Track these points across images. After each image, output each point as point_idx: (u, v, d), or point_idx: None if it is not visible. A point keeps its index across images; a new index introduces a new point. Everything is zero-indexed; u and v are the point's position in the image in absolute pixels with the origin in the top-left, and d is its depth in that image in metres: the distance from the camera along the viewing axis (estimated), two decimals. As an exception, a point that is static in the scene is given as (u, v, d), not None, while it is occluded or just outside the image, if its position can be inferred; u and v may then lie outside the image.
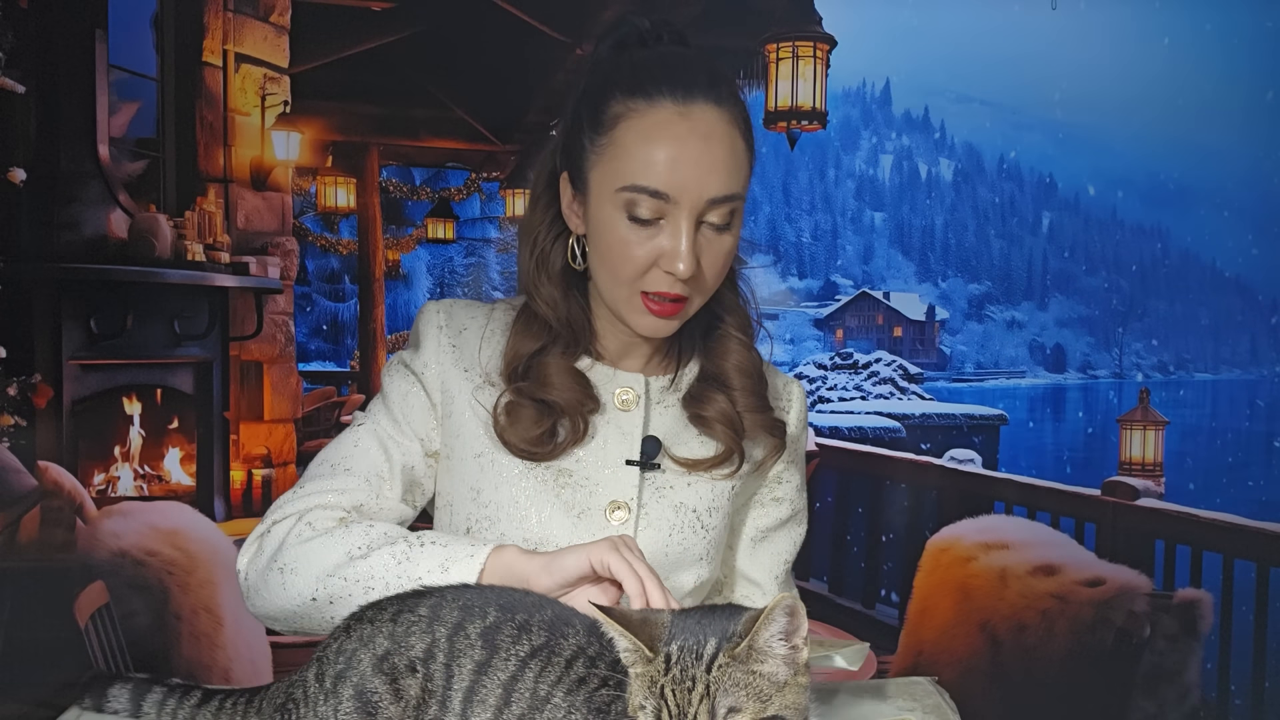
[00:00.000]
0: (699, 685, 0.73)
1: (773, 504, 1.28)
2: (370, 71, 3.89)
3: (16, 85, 2.99)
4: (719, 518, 1.20)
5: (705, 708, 0.72)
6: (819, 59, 3.84)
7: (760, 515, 1.28)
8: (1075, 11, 3.80)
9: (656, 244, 1.10)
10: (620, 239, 1.12)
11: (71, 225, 3.37)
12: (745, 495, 1.26)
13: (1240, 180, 3.86)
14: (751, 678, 0.74)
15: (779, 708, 0.74)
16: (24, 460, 2.98)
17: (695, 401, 1.22)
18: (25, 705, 2.66)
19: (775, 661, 0.75)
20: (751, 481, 1.24)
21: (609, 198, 1.12)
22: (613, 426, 1.18)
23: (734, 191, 1.12)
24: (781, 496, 1.29)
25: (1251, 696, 3.31)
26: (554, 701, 0.82)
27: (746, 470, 1.21)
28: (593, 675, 0.83)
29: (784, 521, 1.29)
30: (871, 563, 3.93)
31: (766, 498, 1.28)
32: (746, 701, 0.73)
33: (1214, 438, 4.15)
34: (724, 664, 0.74)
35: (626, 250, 1.12)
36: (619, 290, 1.13)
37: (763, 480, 1.25)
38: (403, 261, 4.40)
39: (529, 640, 0.85)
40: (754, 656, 0.75)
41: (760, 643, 0.74)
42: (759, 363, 1.25)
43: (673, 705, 0.73)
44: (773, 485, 1.28)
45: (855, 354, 4.41)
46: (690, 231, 1.09)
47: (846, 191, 4.55)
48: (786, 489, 1.29)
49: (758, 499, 1.27)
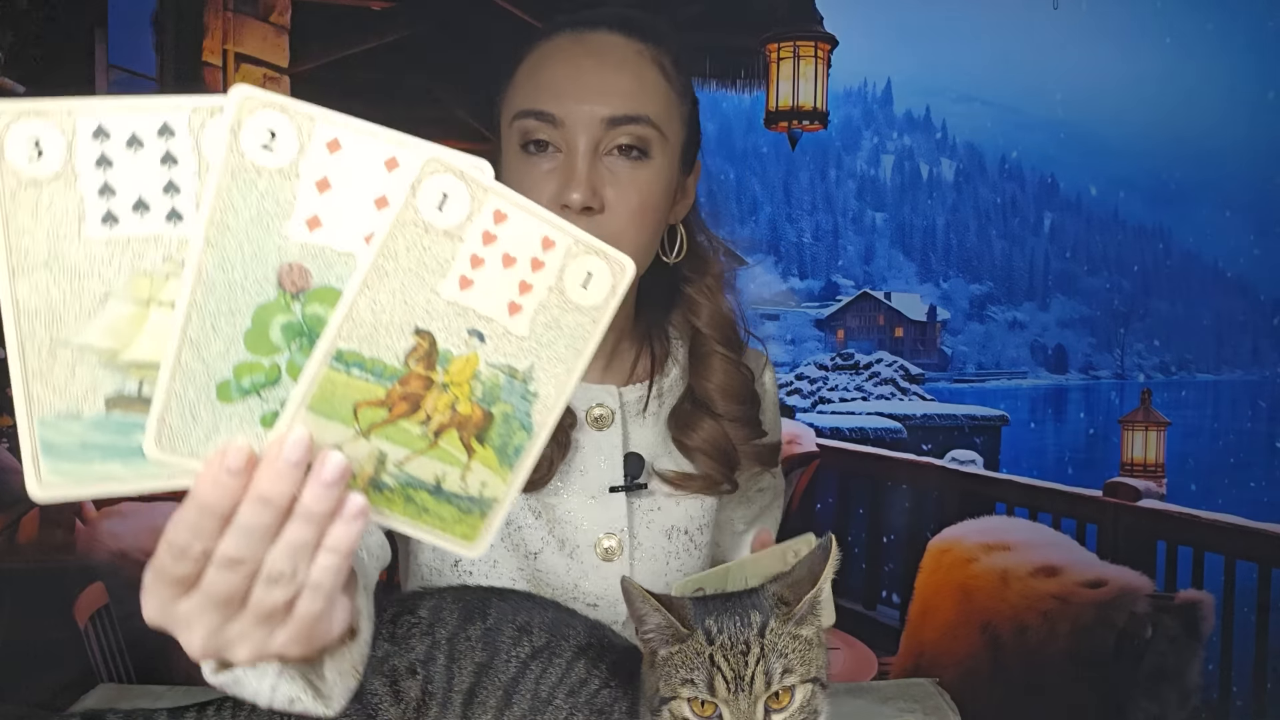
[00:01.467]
0: (753, 649, 0.74)
1: (756, 494, 1.25)
2: (370, 71, 3.88)
3: (16, 85, 2.99)
4: (708, 533, 1.16)
5: (761, 669, 0.74)
6: (820, 59, 3.83)
7: (744, 509, 1.25)
8: (1077, 11, 3.79)
9: (553, 178, 1.00)
10: (516, 177, 1.02)
11: (71, 225, 3.37)
12: (729, 498, 1.23)
13: (1242, 180, 3.85)
14: (796, 642, 0.76)
15: (816, 669, 0.77)
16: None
17: (680, 424, 1.13)
18: (25, 706, 2.65)
19: (814, 625, 0.78)
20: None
21: (507, 138, 1.04)
22: (590, 449, 1.09)
23: (639, 112, 1.01)
24: (765, 486, 1.27)
25: (1253, 698, 3.30)
26: (555, 703, 0.81)
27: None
28: (594, 676, 0.83)
29: (766, 507, 1.26)
30: (872, 564, 3.93)
31: (751, 490, 1.25)
32: (796, 664, 0.75)
33: (1216, 438, 4.14)
34: (774, 628, 0.76)
35: (522, 189, 0.96)
36: None
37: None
38: (403, 262, 4.39)
39: (530, 642, 0.85)
40: (808, 618, 0.78)
41: (822, 598, 0.78)
42: (748, 381, 1.16)
43: (727, 671, 0.74)
44: (755, 479, 1.25)
45: (856, 354, 4.40)
46: (588, 157, 0.99)
47: (848, 192, 4.54)
48: (766, 477, 1.26)
49: (741, 495, 1.23)
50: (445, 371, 0.60)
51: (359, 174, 0.57)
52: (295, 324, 0.57)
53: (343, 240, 0.57)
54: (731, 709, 0.73)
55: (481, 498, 0.62)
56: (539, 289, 0.60)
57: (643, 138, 1.01)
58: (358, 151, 0.57)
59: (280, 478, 0.57)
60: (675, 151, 1.07)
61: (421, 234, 0.58)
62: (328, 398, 0.58)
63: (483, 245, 0.59)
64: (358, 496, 0.59)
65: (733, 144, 4.50)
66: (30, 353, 0.54)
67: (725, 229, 1.20)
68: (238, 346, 0.57)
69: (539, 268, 0.60)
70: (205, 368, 0.56)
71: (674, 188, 1.09)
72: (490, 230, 0.59)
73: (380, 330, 0.58)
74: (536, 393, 0.62)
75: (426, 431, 0.61)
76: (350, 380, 0.58)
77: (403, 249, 0.57)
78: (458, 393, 0.60)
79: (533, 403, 0.62)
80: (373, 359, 0.58)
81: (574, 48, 1.02)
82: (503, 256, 0.60)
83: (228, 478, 0.56)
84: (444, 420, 0.61)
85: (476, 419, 0.61)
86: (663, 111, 1.04)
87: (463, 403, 0.61)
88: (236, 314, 0.56)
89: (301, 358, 0.58)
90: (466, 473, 0.62)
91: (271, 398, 0.58)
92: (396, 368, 0.59)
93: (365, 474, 0.61)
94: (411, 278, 0.58)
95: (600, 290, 0.61)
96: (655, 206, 1.04)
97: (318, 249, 0.57)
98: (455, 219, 0.58)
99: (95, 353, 0.55)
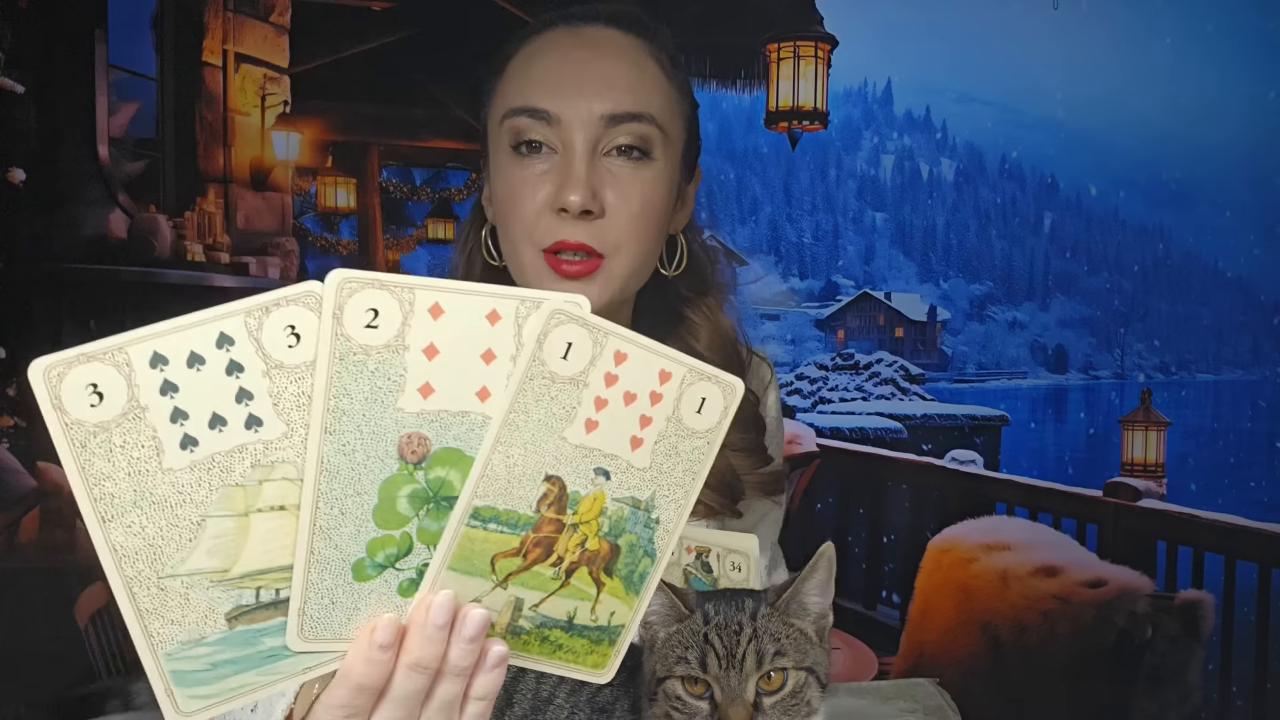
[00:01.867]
0: (745, 629, 0.76)
1: (757, 503, 1.22)
2: (370, 71, 3.88)
3: (16, 85, 2.99)
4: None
5: (753, 648, 0.75)
6: (820, 59, 3.83)
7: (746, 514, 1.18)
8: (1077, 11, 3.79)
9: (548, 180, 0.94)
10: (507, 184, 0.96)
11: (71, 225, 3.36)
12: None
13: (1242, 180, 3.85)
14: (788, 629, 0.77)
15: (812, 661, 0.77)
16: (24, 461, 2.98)
17: None
18: (25, 706, 2.65)
19: (809, 619, 0.79)
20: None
21: (496, 139, 0.98)
22: None
23: (639, 109, 0.94)
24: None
25: (1253, 697, 3.30)
26: (556, 703, 0.81)
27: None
28: (594, 677, 0.83)
29: (765, 514, 1.22)
30: (872, 564, 3.93)
31: (753, 500, 1.23)
32: (789, 648, 0.76)
33: (1216, 438, 4.14)
34: (765, 614, 0.77)
35: (513, 195, 0.95)
36: (523, 256, 0.96)
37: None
38: (403, 262, 4.39)
39: (529, 642, 0.85)
40: (793, 608, 0.78)
41: (802, 593, 0.78)
42: (751, 406, 1.10)
43: (720, 648, 0.75)
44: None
45: (856, 354, 4.40)
46: (586, 157, 0.93)
47: (848, 192, 4.54)
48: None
49: (744, 502, 1.22)
50: (575, 512, 0.61)
51: (464, 333, 0.57)
52: (421, 491, 0.58)
53: (457, 401, 0.58)
54: (722, 686, 0.74)
55: (610, 626, 0.64)
56: (659, 420, 0.62)
57: (645, 137, 0.95)
58: (459, 311, 0.57)
59: (430, 643, 0.58)
60: (677, 154, 1.00)
61: (549, 385, 0.59)
62: (466, 555, 0.59)
63: (605, 387, 0.60)
64: (498, 646, 0.60)
65: (733, 144, 4.50)
66: (140, 593, 0.54)
67: (725, 229, 1.15)
68: (368, 525, 0.57)
69: (657, 400, 0.62)
70: (338, 552, 0.57)
71: (675, 190, 1.02)
72: (612, 371, 0.60)
73: (514, 483, 0.59)
74: (659, 519, 0.63)
75: (559, 572, 0.62)
76: (487, 535, 0.59)
77: (532, 401, 0.58)
78: (586, 530, 0.62)
79: (655, 530, 0.63)
80: (507, 511, 0.60)
81: (568, 40, 0.97)
82: (624, 395, 0.61)
83: (379, 654, 0.57)
84: (574, 559, 0.62)
85: (604, 553, 0.63)
86: (665, 109, 0.97)
87: (591, 539, 0.62)
88: (363, 494, 0.57)
89: (430, 522, 0.58)
90: (596, 605, 0.64)
91: (406, 566, 0.59)
92: (530, 516, 0.60)
93: (503, 622, 0.62)
94: (541, 428, 0.59)
95: (714, 413, 0.63)
96: (658, 211, 0.98)
97: (433, 414, 0.57)
98: (579, 365, 0.59)
99: (205, 576, 0.55)
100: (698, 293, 1.10)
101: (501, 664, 0.61)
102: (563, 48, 0.96)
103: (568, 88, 0.93)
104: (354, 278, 0.55)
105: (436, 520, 0.58)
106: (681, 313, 1.09)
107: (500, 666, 0.61)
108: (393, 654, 0.58)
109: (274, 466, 0.55)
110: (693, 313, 1.09)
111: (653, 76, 0.97)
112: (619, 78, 0.94)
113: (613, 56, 0.95)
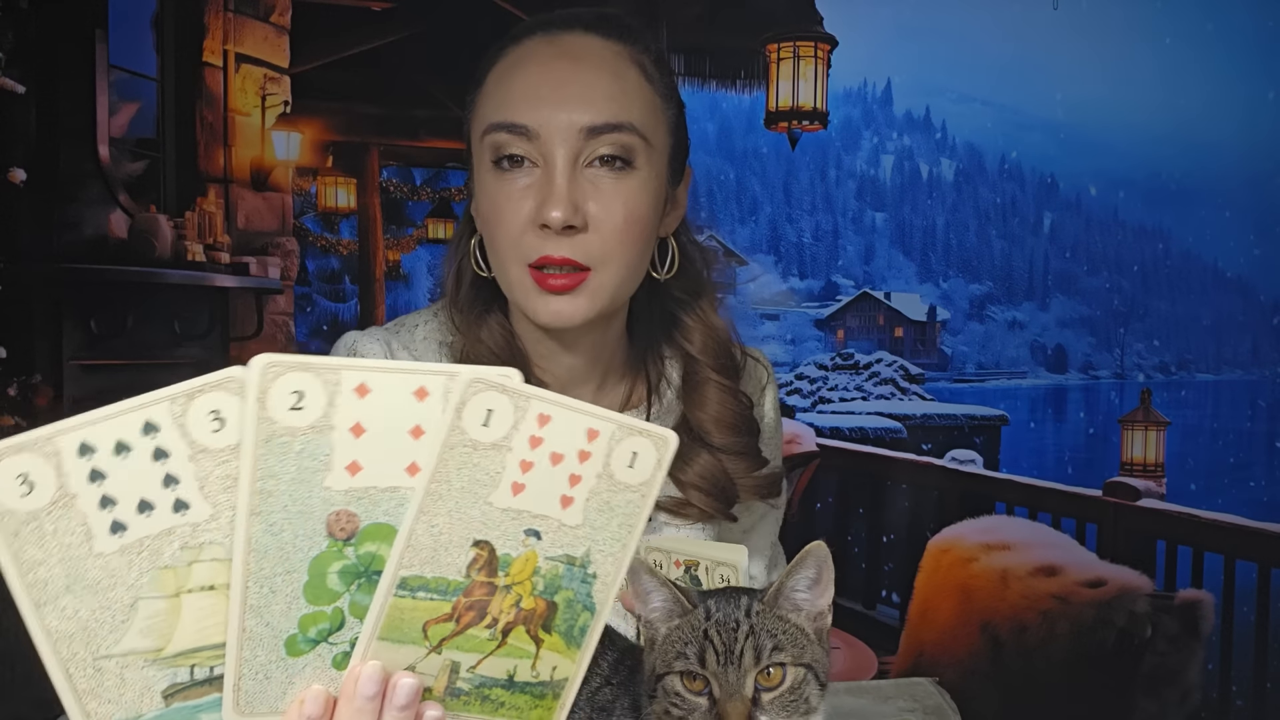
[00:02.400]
0: (743, 625, 0.76)
1: (754, 504, 1.18)
2: (371, 71, 3.89)
3: (16, 85, 2.99)
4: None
5: (751, 644, 0.75)
6: (820, 59, 3.84)
7: (744, 515, 1.17)
8: (1077, 11, 3.80)
9: (530, 195, 0.92)
10: (490, 199, 0.95)
11: (72, 225, 3.37)
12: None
13: (1242, 180, 3.85)
14: (784, 625, 0.77)
15: (810, 659, 0.77)
16: (24, 460, 2.98)
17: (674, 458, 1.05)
18: (25, 706, 2.65)
19: (803, 615, 0.79)
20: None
21: (478, 153, 0.97)
22: None
23: (620, 119, 0.92)
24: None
25: (1253, 697, 3.30)
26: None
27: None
28: (594, 674, 0.83)
29: (764, 515, 1.19)
30: (872, 563, 3.93)
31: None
32: (786, 644, 0.76)
33: (1215, 438, 4.14)
34: (760, 610, 0.77)
35: (497, 211, 0.94)
36: (509, 271, 0.96)
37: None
38: (403, 262, 4.39)
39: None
40: (783, 604, 0.78)
41: (788, 589, 0.78)
42: (745, 409, 1.08)
43: (719, 644, 0.75)
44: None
45: (856, 354, 4.41)
46: (567, 171, 0.91)
47: (847, 192, 4.54)
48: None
49: (741, 504, 1.21)
50: (506, 574, 0.62)
51: (391, 411, 0.58)
52: (351, 567, 0.59)
53: (385, 477, 0.58)
54: (720, 681, 0.74)
55: (553, 680, 0.65)
56: (588, 478, 0.62)
57: (626, 146, 0.93)
58: (386, 389, 0.58)
59: (360, 714, 0.59)
60: (662, 160, 0.98)
61: (470, 453, 0.59)
62: (397, 625, 0.60)
63: (530, 449, 0.60)
64: (433, 710, 0.61)
65: (733, 144, 4.50)
66: (77, 674, 0.56)
67: (725, 229, 1.14)
68: (298, 602, 0.58)
69: (586, 458, 0.62)
70: (270, 629, 0.58)
71: (662, 199, 1.00)
72: (536, 434, 0.60)
73: (440, 551, 0.60)
74: (595, 574, 0.64)
75: (494, 633, 0.63)
76: (416, 604, 0.60)
77: (454, 470, 0.59)
78: (520, 591, 0.62)
79: (593, 584, 0.64)
80: (436, 579, 0.60)
81: (546, 50, 0.95)
82: (550, 455, 0.61)
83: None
84: (510, 619, 0.63)
85: (540, 611, 0.63)
86: (647, 117, 0.95)
87: (526, 599, 0.63)
88: (292, 571, 0.58)
89: (362, 596, 0.60)
90: (537, 661, 0.64)
91: (340, 640, 0.60)
92: (460, 581, 0.61)
93: (440, 685, 0.63)
94: (465, 495, 0.60)
95: (646, 466, 0.63)
96: (643, 221, 0.96)
97: (362, 491, 0.58)
98: (501, 431, 0.59)
99: (139, 656, 0.57)
100: (691, 295, 1.08)
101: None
102: (541, 59, 0.94)
103: (547, 101, 0.92)
104: (278, 362, 0.56)
105: (368, 594, 0.60)
106: (674, 315, 1.08)
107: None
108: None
109: (202, 548, 0.57)
110: (686, 315, 1.08)
111: (634, 84, 0.95)
112: (599, 88, 0.93)
113: (592, 66, 0.94)
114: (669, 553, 0.92)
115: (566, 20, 0.97)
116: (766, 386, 1.17)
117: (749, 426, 1.07)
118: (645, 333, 1.09)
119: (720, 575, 0.92)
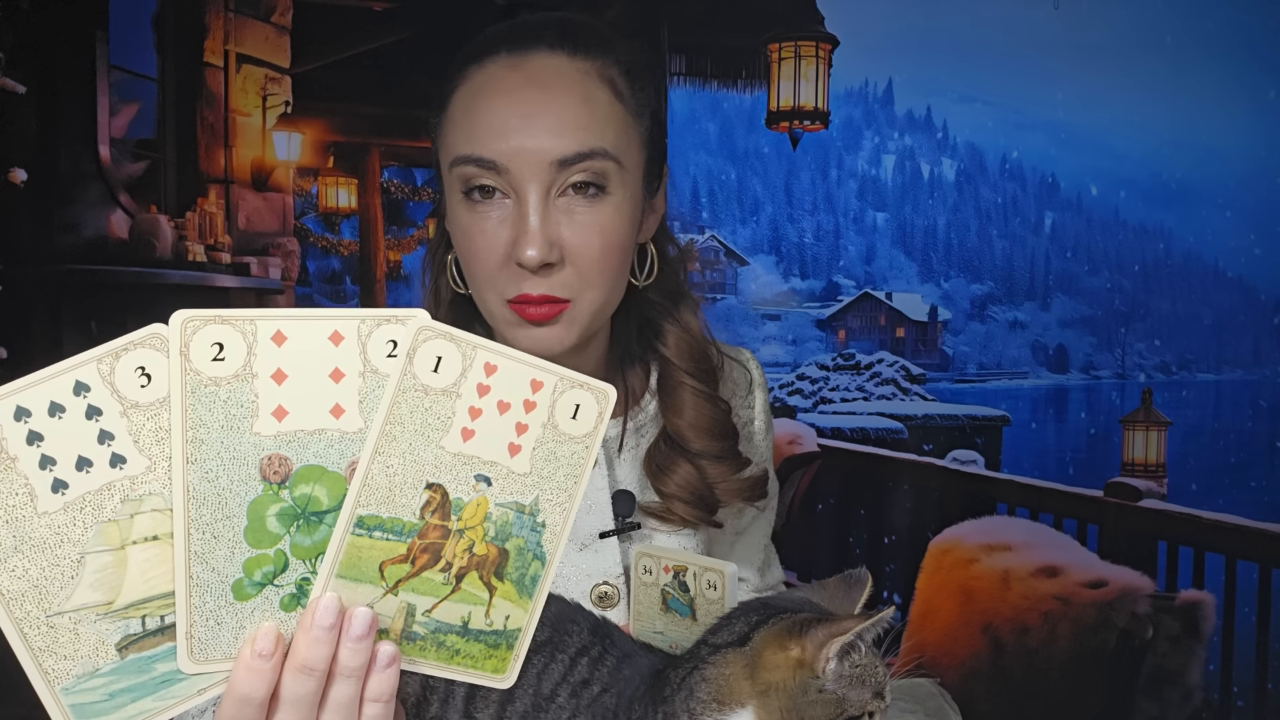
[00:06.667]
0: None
1: (740, 508, 1.16)
2: (371, 72, 3.89)
3: (17, 85, 2.99)
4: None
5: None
6: (821, 59, 3.83)
7: (734, 520, 1.17)
8: (1077, 11, 3.79)
9: (504, 229, 0.91)
10: (463, 231, 0.93)
11: (72, 226, 3.37)
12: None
13: (1242, 180, 3.85)
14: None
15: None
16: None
17: (654, 468, 1.03)
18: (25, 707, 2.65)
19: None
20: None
21: (448, 181, 0.95)
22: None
23: (592, 147, 0.90)
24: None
25: (1254, 698, 3.30)
26: (558, 701, 0.81)
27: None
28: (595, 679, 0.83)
29: (755, 518, 1.19)
30: (873, 564, 3.92)
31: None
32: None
33: (1216, 438, 4.14)
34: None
35: (471, 244, 0.93)
36: (487, 301, 0.95)
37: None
38: (404, 262, 4.39)
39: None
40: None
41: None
42: (723, 414, 1.06)
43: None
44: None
45: (857, 355, 4.40)
46: (540, 206, 0.89)
47: (849, 192, 4.53)
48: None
49: (731, 508, 1.20)
50: (459, 518, 0.65)
51: (309, 356, 0.61)
52: (289, 509, 0.61)
53: (311, 420, 0.61)
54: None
55: (506, 630, 0.68)
56: (534, 427, 0.65)
57: (599, 172, 0.91)
58: (301, 336, 0.60)
59: (317, 643, 0.60)
60: (636, 179, 0.96)
61: (422, 396, 0.62)
62: (354, 562, 0.63)
63: (478, 397, 0.64)
64: (387, 645, 0.63)
65: (734, 144, 4.50)
66: (31, 632, 0.58)
67: (726, 229, 1.13)
68: (240, 546, 0.61)
69: (531, 408, 0.65)
70: (216, 575, 0.60)
71: (639, 215, 0.98)
72: (483, 382, 0.64)
73: (395, 491, 0.63)
74: (544, 523, 0.67)
75: (449, 577, 0.65)
76: (373, 543, 0.63)
77: (407, 414, 0.62)
78: (473, 536, 0.65)
79: (542, 533, 0.67)
80: (391, 519, 0.63)
81: (511, 77, 0.91)
82: (498, 404, 0.64)
83: (260, 662, 0.60)
84: (463, 564, 0.65)
85: (493, 557, 0.66)
86: (619, 139, 0.93)
87: (479, 544, 0.66)
88: (232, 517, 0.60)
89: (302, 538, 0.62)
90: (490, 609, 0.67)
91: (286, 582, 0.62)
92: (414, 523, 0.64)
93: (397, 627, 0.65)
94: (418, 438, 0.63)
95: (589, 418, 0.66)
96: (620, 246, 0.94)
97: (290, 435, 0.61)
98: (450, 378, 0.63)
99: (91, 610, 0.59)
100: (668, 299, 1.07)
101: (394, 664, 0.63)
102: (506, 87, 0.90)
103: (514, 134, 0.89)
104: (196, 316, 0.59)
105: (309, 535, 0.62)
106: (648, 318, 1.07)
107: (393, 666, 0.63)
108: (274, 662, 0.60)
109: (142, 499, 0.59)
110: (662, 320, 1.07)
111: (604, 106, 0.92)
112: (568, 118, 0.90)
113: (561, 93, 0.90)
114: (659, 558, 0.92)
115: (530, 37, 0.93)
116: (754, 388, 1.16)
117: (727, 431, 1.06)
118: (625, 339, 1.08)
119: (708, 580, 0.92)
